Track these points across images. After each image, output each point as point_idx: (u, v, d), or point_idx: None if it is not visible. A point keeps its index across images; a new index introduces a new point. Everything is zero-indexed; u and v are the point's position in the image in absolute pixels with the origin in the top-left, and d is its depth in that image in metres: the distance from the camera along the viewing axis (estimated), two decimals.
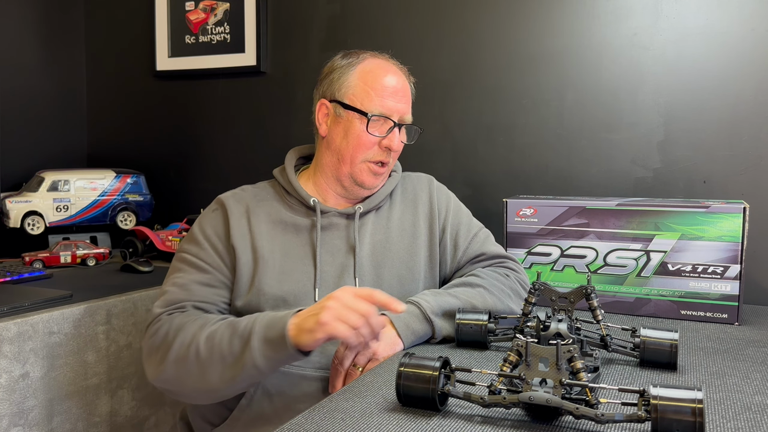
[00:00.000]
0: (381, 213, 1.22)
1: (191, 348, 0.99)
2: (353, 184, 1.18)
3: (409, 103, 1.20)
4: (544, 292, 0.96)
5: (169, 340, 1.02)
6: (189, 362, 0.99)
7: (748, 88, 1.47)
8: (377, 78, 1.16)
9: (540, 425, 0.72)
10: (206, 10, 2.05)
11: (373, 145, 1.16)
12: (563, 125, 1.65)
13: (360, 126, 1.15)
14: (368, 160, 1.16)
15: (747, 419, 0.75)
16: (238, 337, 0.97)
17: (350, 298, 0.92)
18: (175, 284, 1.11)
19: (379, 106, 1.14)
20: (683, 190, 1.53)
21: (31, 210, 1.83)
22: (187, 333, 1.01)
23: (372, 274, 1.16)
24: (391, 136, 1.16)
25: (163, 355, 1.02)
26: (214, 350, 0.97)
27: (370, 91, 1.15)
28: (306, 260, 1.14)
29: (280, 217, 1.17)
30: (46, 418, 1.26)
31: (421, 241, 1.22)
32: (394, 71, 1.19)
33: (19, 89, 2.05)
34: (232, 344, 0.97)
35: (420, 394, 0.75)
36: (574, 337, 0.88)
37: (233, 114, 2.06)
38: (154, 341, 1.04)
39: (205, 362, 0.98)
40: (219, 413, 1.14)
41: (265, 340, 0.95)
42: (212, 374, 0.98)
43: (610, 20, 1.59)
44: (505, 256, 1.25)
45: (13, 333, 1.19)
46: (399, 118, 1.17)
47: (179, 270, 1.13)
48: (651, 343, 0.92)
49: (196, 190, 2.12)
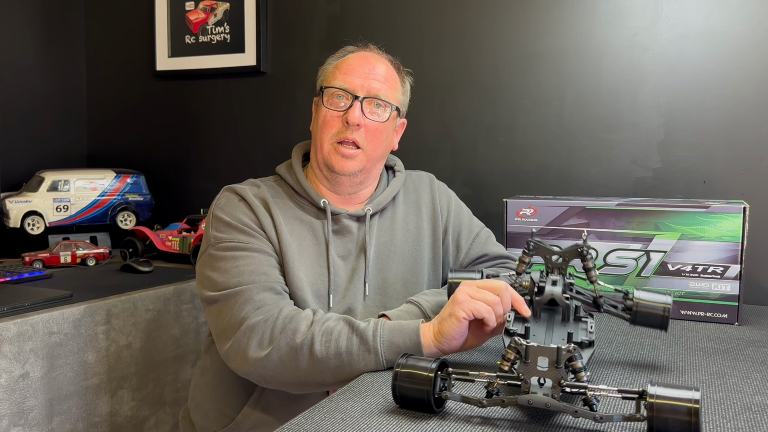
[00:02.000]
0: (385, 214, 1.20)
1: (306, 338, 0.94)
2: (329, 172, 1.13)
3: (388, 84, 1.14)
4: (539, 250, 0.92)
5: (279, 325, 0.96)
6: (301, 353, 0.94)
7: (748, 88, 1.47)
8: (347, 59, 1.15)
9: (539, 425, 0.72)
10: (206, 10, 2.05)
11: (336, 122, 1.11)
12: (563, 125, 1.65)
13: (323, 105, 1.13)
14: (334, 141, 1.11)
15: (747, 419, 0.75)
16: (359, 336, 0.93)
17: (476, 293, 0.92)
18: (244, 272, 1.02)
19: (340, 81, 1.11)
20: (683, 190, 1.53)
21: (31, 210, 1.83)
22: (301, 323, 0.96)
23: (377, 277, 1.15)
24: (351, 110, 1.09)
25: (275, 337, 0.96)
26: (331, 345, 0.93)
27: (336, 71, 1.14)
28: (321, 262, 1.11)
29: (296, 215, 1.13)
30: (46, 418, 1.26)
31: (425, 243, 1.20)
32: (367, 54, 1.16)
33: (19, 89, 2.05)
34: (350, 341, 0.93)
35: (416, 396, 0.74)
36: (568, 304, 0.86)
37: (233, 114, 2.06)
38: (262, 324, 0.97)
39: (320, 357, 0.94)
40: (220, 419, 1.14)
41: (391, 344, 0.93)
42: (324, 371, 0.94)
43: (610, 20, 1.59)
44: (507, 257, 1.25)
45: (13, 333, 1.19)
46: (366, 93, 1.11)
47: (236, 258, 1.04)
48: (643, 306, 0.91)
49: (196, 190, 2.12)
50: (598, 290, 0.93)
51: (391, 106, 1.14)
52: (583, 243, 0.90)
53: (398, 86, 1.18)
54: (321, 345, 0.93)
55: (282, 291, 1.04)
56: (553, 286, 0.86)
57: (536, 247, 0.92)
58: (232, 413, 1.12)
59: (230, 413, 1.12)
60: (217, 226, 1.09)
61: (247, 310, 0.99)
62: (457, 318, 0.90)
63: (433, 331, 0.93)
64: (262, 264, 1.04)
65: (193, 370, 1.57)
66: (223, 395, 1.14)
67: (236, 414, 1.11)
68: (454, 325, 0.90)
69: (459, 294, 0.92)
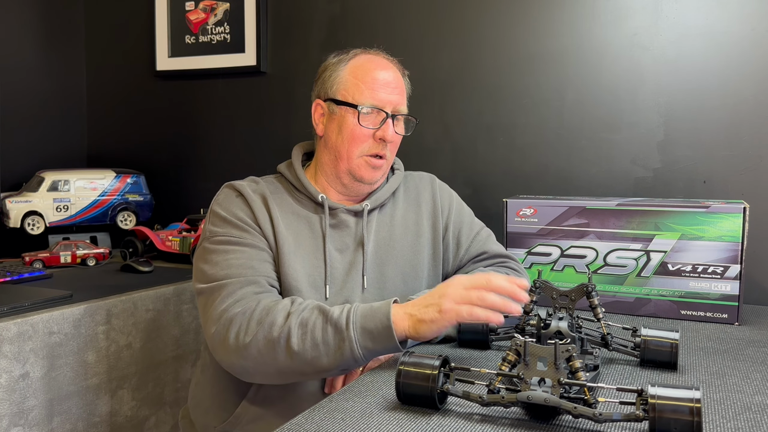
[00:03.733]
0: (385, 211, 1.22)
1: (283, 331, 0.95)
2: (353, 181, 1.17)
3: (403, 94, 1.19)
4: (545, 290, 0.96)
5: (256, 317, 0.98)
6: (279, 346, 0.95)
7: (748, 88, 1.47)
8: (368, 71, 1.16)
9: (538, 424, 0.72)
10: (206, 10, 2.05)
11: (368, 138, 1.14)
12: (563, 125, 1.65)
13: (353, 120, 1.14)
14: (365, 153, 1.15)
15: (747, 419, 0.75)
16: (333, 326, 0.95)
17: (466, 282, 0.93)
18: (233, 265, 1.05)
19: (370, 98, 1.14)
20: (683, 190, 1.53)
21: (31, 210, 1.84)
22: (277, 315, 0.97)
23: (376, 271, 1.17)
24: (385, 127, 1.14)
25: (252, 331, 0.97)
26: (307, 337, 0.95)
27: (360, 84, 1.15)
28: (317, 254, 1.13)
29: (293, 210, 1.16)
30: (46, 418, 1.26)
31: (424, 239, 1.22)
32: (385, 64, 1.18)
33: (19, 89, 2.05)
34: (325, 332, 0.95)
35: (419, 393, 0.76)
36: (574, 336, 0.88)
37: (233, 114, 2.06)
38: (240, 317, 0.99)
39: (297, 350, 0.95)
40: (220, 414, 1.14)
41: (363, 330, 0.94)
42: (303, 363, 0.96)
43: (610, 20, 1.59)
44: (507, 256, 1.25)
45: (13, 333, 1.19)
46: (392, 109, 1.15)
47: (228, 252, 1.07)
48: (652, 343, 0.92)
49: (196, 190, 2.12)
50: (605, 327, 0.96)
51: (411, 120, 1.20)
52: (588, 282, 0.93)
53: (407, 92, 1.22)
54: (297, 338, 0.95)
55: (266, 285, 1.06)
56: (560, 321, 0.88)
57: (542, 287, 0.96)
58: (232, 407, 1.13)
59: (230, 408, 1.13)
60: (214, 220, 1.12)
61: (228, 302, 1.01)
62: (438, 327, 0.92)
63: (411, 321, 0.93)
64: (251, 258, 1.07)
65: (193, 369, 1.57)
66: (222, 390, 1.15)
67: (235, 408, 1.12)
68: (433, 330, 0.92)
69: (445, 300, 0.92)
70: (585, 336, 0.94)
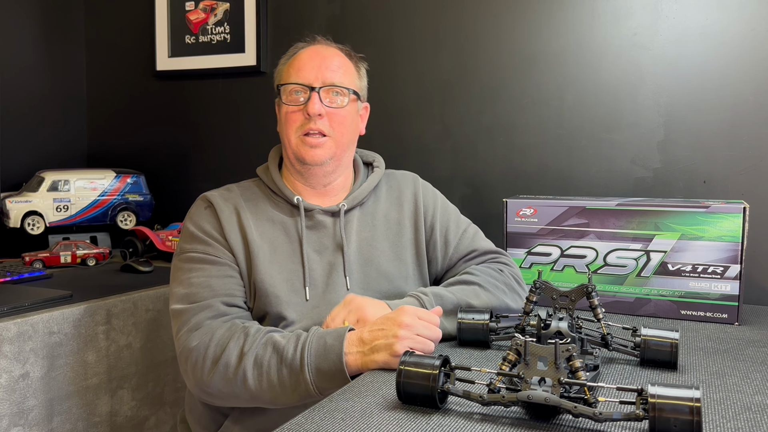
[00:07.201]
0: (366, 209, 1.21)
1: (239, 372, 0.97)
2: (301, 165, 1.16)
3: (340, 70, 1.16)
4: (545, 290, 0.96)
5: (210, 355, 0.99)
6: (236, 386, 0.98)
7: (748, 88, 1.47)
8: (297, 56, 1.18)
9: (539, 423, 0.72)
10: (206, 10, 2.05)
11: (298, 116, 1.14)
12: (563, 125, 1.65)
13: (283, 103, 1.16)
14: (300, 133, 1.14)
15: (747, 419, 0.75)
16: (288, 367, 0.96)
17: (420, 327, 0.95)
18: (194, 284, 1.08)
19: (294, 76, 1.15)
20: (683, 190, 1.53)
21: (31, 210, 1.84)
22: (231, 353, 0.98)
23: (359, 272, 1.16)
24: (310, 103, 1.12)
25: (208, 370, 0.99)
26: (263, 378, 0.97)
27: (289, 69, 1.17)
28: (294, 258, 1.13)
29: (268, 216, 1.16)
30: (46, 418, 1.26)
31: (406, 239, 1.21)
32: (317, 47, 1.19)
33: (19, 89, 2.05)
34: (281, 373, 0.96)
35: (420, 392, 0.76)
36: (574, 336, 0.88)
37: (233, 114, 2.06)
38: (195, 352, 1.01)
39: (255, 390, 0.97)
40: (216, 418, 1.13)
41: (318, 371, 0.95)
42: (263, 399, 0.99)
43: (610, 20, 1.59)
44: (497, 251, 1.25)
45: (13, 333, 1.19)
46: (321, 83, 1.13)
47: (191, 270, 1.09)
48: (652, 343, 0.92)
49: (196, 190, 2.10)
50: (605, 327, 0.96)
51: (348, 91, 1.17)
52: (588, 282, 0.93)
53: (353, 71, 1.20)
54: (254, 379, 0.97)
55: (221, 308, 1.06)
56: (560, 322, 0.88)
57: (542, 287, 0.96)
58: (221, 418, 1.12)
59: (220, 419, 1.13)
60: (183, 235, 1.16)
61: (183, 331, 1.04)
62: (388, 366, 0.93)
63: (363, 360, 0.94)
64: (210, 276, 1.09)
65: None
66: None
67: (225, 418, 1.11)
68: (389, 359, 0.92)
69: (399, 343, 0.92)
70: (585, 336, 0.94)
